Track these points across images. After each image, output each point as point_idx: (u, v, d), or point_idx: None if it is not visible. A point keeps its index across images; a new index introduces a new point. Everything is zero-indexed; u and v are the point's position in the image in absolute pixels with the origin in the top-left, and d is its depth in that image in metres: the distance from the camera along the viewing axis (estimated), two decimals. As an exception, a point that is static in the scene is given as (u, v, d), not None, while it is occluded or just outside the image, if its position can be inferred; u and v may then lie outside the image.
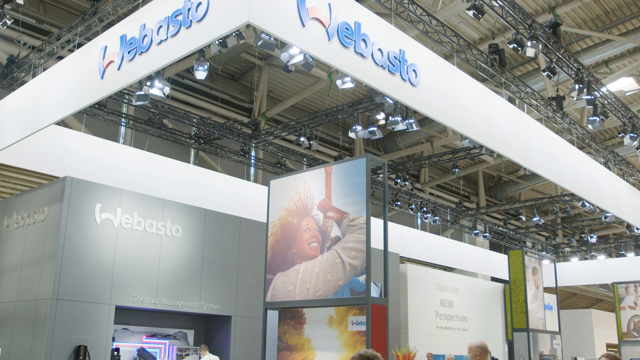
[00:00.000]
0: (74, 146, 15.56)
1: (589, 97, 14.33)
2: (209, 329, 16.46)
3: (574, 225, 31.59)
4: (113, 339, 14.14)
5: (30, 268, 13.57)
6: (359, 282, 10.80)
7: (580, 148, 17.41)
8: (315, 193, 11.98)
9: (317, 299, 11.46)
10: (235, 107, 22.19)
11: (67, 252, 12.89)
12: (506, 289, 26.42)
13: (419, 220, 28.51)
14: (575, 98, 14.48)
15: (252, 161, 21.62)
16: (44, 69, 14.13)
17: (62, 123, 17.01)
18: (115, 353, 13.85)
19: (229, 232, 15.93)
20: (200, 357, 14.13)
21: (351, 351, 10.82)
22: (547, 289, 21.72)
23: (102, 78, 10.62)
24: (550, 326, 21.58)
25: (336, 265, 11.21)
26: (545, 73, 14.03)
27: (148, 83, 14.43)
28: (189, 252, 15.02)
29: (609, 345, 39.27)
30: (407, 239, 23.37)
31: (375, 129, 16.89)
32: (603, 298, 46.14)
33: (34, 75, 14.44)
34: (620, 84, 20.93)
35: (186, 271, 14.85)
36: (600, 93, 15.91)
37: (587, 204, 22.90)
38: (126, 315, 14.82)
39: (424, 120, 21.31)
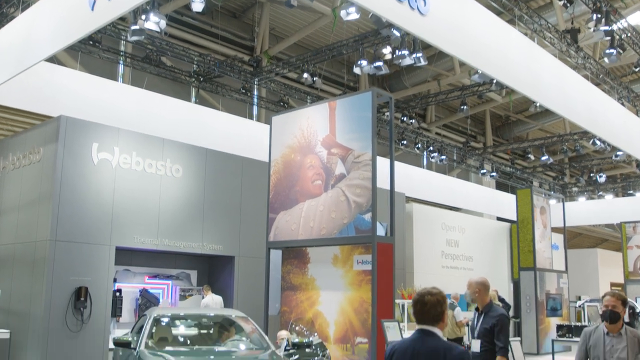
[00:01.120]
0: (68, 85, 15.04)
1: (606, 27, 13.63)
2: (212, 269, 16.28)
3: (583, 165, 31.12)
4: (115, 280, 13.95)
5: (27, 210, 13.26)
6: (364, 220, 10.45)
7: (595, 84, 16.76)
8: (319, 129, 11.52)
9: (321, 237, 11.16)
10: (236, 45, 21.45)
11: (64, 193, 12.54)
12: (512, 229, 26.18)
13: (425, 159, 28.07)
14: (592, 29, 13.78)
15: (255, 100, 21.04)
16: (34, 3, 13.48)
17: (57, 61, 16.47)
18: (117, 294, 13.68)
19: (230, 171, 15.54)
20: (203, 298, 13.96)
21: (356, 290, 10.61)
22: (553, 229, 21.45)
23: (92, 9, 9.99)
24: (557, 265, 21.41)
25: (341, 203, 10.85)
26: (562, 2, 13.29)
27: (143, 17, 13.77)
28: (190, 192, 14.67)
29: (613, 284, 39.39)
30: (413, 178, 22.99)
31: (381, 64, 16.24)
32: (608, 238, 46.06)
33: (23, 10, 13.79)
34: (637, 18, 20.08)
35: (187, 211, 14.54)
36: (618, 25, 15.18)
37: (598, 142, 22.40)
38: (127, 257, 14.60)
39: (432, 58, 20.61)
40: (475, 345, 5.73)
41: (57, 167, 12.53)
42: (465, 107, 21.30)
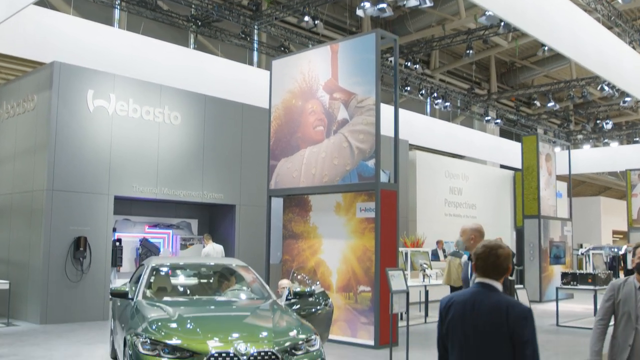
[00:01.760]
0: (62, 30, 14.55)
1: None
2: (213, 218, 16.10)
3: (589, 112, 30.63)
4: (114, 230, 13.79)
5: (23, 159, 12.99)
6: (367, 166, 10.16)
7: (607, 28, 16.19)
8: (321, 73, 11.13)
9: (323, 185, 10.90)
10: (234, -12, 20.75)
11: (60, 142, 12.24)
12: (516, 177, 25.93)
13: (428, 107, 27.61)
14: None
15: (255, 45, 20.48)
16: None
17: (49, 6, 15.92)
18: (117, 244, 13.53)
19: (230, 118, 15.18)
20: (203, 247, 13.81)
21: (359, 238, 10.42)
22: (557, 177, 21.18)
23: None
24: (561, 213, 21.22)
25: (343, 149, 10.54)
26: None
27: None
28: (189, 139, 14.36)
29: (615, 232, 39.44)
30: (416, 125, 22.63)
31: (384, 5, 15.64)
32: (611, 186, 45.92)
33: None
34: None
35: (187, 160, 14.26)
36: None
37: (606, 87, 21.91)
38: (127, 206, 14.40)
39: (437, 1, 19.96)
40: None
41: (51, 115, 12.19)
42: (470, 51, 20.73)
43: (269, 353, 5.47)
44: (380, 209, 9.88)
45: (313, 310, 7.76)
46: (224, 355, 5.34)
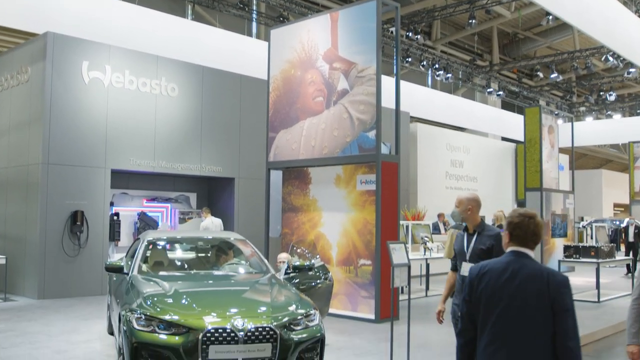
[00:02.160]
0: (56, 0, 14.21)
1: None
2: (212, 191, 15.93)
3: (592, 83, 30.26)
4: (112, 204, 13.62)
5: (18, 132, 12.77)
6: (368, 138, 9.94)
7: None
8: (320, 42, 10.84)
9: (323, 157, 10.70)
10: (232, -43, 20.31)
11: (54, 114, 12.01)
12: (518, 149, 25.70)
13: (429, 78, 27.26)
14: None
15: (254, 15, 20.10)
16: None
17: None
18: (115, 218, 13.37)
19: (228, 90, 14.91)
20: (202, 220, 13.66)
21: (359, 211, 10.25)
22: (559, 150, 20.94)
23: None
24: (562, 186, 21.02)
25: (343, 120, 10.31)
26: None
27: None
28: (187, 112, 14.11)
29: (616, 205, 39.35)
30: (417, 97, 22.34)
31: (385, -26, 15.24)
32: (613, 159, 45.72)
33: None
34: None
35: (184, 132, 14.03)
36: None
37: (610, 58, 21.57)
38: (124, 180, 14.21)
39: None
40: (466, 269, 4.89)
41: (46, 88, 11.95)
42: (473, 21, 20.34)
43: (267, 328, 5.32)
44: (381, 181, 9.69)
45: (313, 284, 7.62)
46: (220, 331, 5.19)
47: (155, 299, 5.71)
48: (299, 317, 5.65)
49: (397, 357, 6.56)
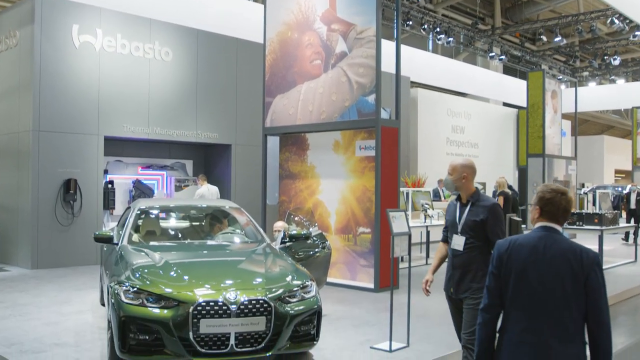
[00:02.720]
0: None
1: None
2: (208, 158, 15.63)
3: (596, 47, 29.71)
4: (106, 172, 13.35)
5: (8, 99, 12.43)
6: (367, 102, 9.61)
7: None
8: (318, 3, 10.42)
9: (321, 122, 10.38)
10: None
11: (45, 80, 11.65)
12: (520, 115, 25.35)
13: (430, 43, 26.72)
14: None
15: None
16: None
17: None
18: (109, 186, 13.10)
19: (224, 54, 14.50)
20: (198, 188, 13.39)
21: (359, 178, 9.97)
22: (562, 115, 20.59)
23: None
24: (564, 152, 20.74)
25: (342, 84, 9.96)
26: None
27: None
28: (182, 77, 13.74)
29: (617, 172, 39.10)
30: (418, 62, 21.89)
31: None
32: (614, 125, 45.32)
33: None
34: None
35: (179, 98, 13.67)
36: None
37: (616, 21, 21.08)
38: (118, 147, 13.91)
39: None
40: (458, 242, 4.60)
41: (35, 52, 11.57)
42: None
43: (261, 301, 5.08)
44: (381, 147, 9.39)
45: (311, 252, 7.39)
46: (212, 304, 4.94)
47: (145, 270, 5.46)
48: (295, 289, 5.41)
49: (397, 327, 6.36)
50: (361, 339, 6.46)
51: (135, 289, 5.12)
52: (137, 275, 5.31)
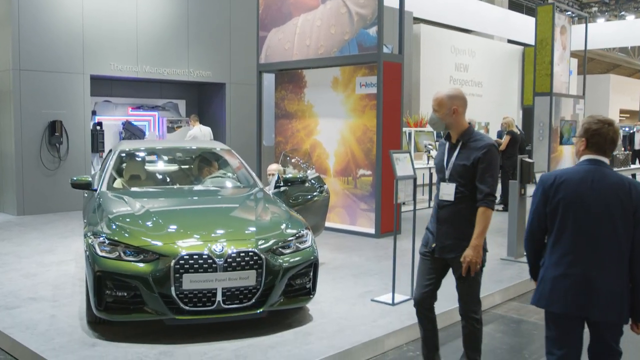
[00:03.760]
0: None
1: None
2: (202, 98, 14.96)
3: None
4: (94, 113, 12.73)
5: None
6: (368, 35, 8.89)
7: None
8: None
9: (318, 57, 9.69)
10: None
11: (24, 14, 10.90)
12: (526, 52, 24.47)
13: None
14: None
15: None
16: None
17: None
18: (98, 128, 12.49)
19: (216, -14, 13.65)
20: (190, 129, 12.78)
21: (359, 117, 9.35)
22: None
23: None
24: (571, 91, 20.00)
25: (341, 15, 9.22)
26: None
27: None
28: (172, 10, 12.94)
29: (622, 111, 38.36)
30: (421, -4, 20.88)
31: None
32: (621, 63, 44.25)
33: None
34: None
35: (169, 34, 12.91)
36: None
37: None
38: (106, 87, 13.24)
39: None
40: (447, 191, 3.82)
41: (12, -17, 10.79)
42: None
43: (250, 253, 4.57)
44: (383, 84, 8.74)
45: (309, 197, 6.87)
46: (195, 257, 4.44)
47: (123, 220, 4.94)
48: (289, 239, 4.90)
49: (399, 277, 5.88)
50: (361, 291, 6.00)
51: (111, 240, 4.61)
52: (114, 227, 4.79)
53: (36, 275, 6.51)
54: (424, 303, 3.98)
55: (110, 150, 6.86)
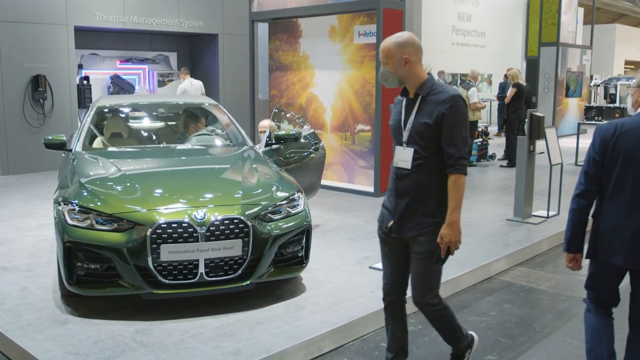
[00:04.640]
0: None
1: None
2: (193, 50, 14.36)
3: None
4: (80, 67, 12.17)
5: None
6: (367, -20, 8.29)
7: None
8: None
9: (314, 4, 9.10)
10: None
11: (1, -40, 10.25)
12: (531, 1, 23.61)
13: None
14: None
15: None
16: None
17: None
18: (85, 82, 11.95)
19: None
20: (180, 83, 12.23)
21: (357, 69, 8.81)
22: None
23: None
24: (578, 41, 19.31)
25: (337, -41, 8.62)
26: None
27: None
28: (158, -42, 12.25)
29: (627, 62, 37.55)
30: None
31: None
32: (627, 13, 43.15)
33: None
34: None
35: (157, -18, 12.25)
36: None
37: None
38: (93, 39, 12.65)
39: None
40: (404, 157, 3.14)
41: None
42: None
43: (235, 220, 4.14)
44: (383, 33, 8.18)
45: (305, 154, 6.41)
46: (174, 225, 4.01)
47: (96, 184, 4.49)
48: (279, 203, 4.47)
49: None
50: (359, 256, 5.60)
51: (82, 207, 4.17)
52: (85, 193, 4.34)
53: (12, 242, 6.10)
54: (391, 296, 3.49)
55: (88, 107, 6.37)
